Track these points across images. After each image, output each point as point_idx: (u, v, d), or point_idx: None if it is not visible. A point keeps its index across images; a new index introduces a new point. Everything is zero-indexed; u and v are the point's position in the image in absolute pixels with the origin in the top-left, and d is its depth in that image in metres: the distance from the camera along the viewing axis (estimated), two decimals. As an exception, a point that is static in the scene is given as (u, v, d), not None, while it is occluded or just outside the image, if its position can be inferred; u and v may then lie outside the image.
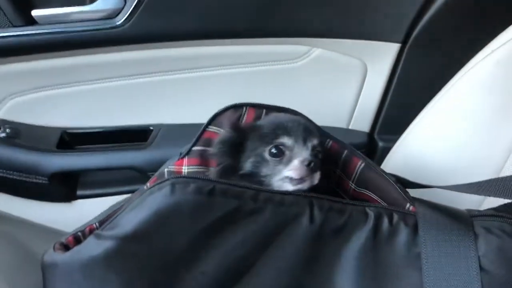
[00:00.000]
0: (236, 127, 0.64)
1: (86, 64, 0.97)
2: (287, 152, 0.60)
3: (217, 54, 0.99)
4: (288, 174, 0.59)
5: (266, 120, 0.68)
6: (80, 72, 0.98)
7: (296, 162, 0.59)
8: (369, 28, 0.98)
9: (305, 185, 0.59)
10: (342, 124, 1.07)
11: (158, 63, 0.99)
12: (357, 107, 1.05)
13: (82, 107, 1.01)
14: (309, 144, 0.61)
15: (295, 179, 0.59)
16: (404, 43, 0.97)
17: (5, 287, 1.03)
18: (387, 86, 1.02)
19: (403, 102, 1.02)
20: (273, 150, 0.60)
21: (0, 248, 1.04)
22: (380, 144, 1.05)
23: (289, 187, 0.58)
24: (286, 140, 0.60)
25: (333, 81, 1.03)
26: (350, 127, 1.08)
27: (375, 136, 1.07)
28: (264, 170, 0.60)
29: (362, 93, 1.04)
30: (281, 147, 0.60)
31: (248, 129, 0.64)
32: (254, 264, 0.51)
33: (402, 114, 0.98)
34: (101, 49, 0.95)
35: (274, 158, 0.60)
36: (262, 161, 0.60)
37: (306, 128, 0.63)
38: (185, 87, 1.02)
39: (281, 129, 0.61)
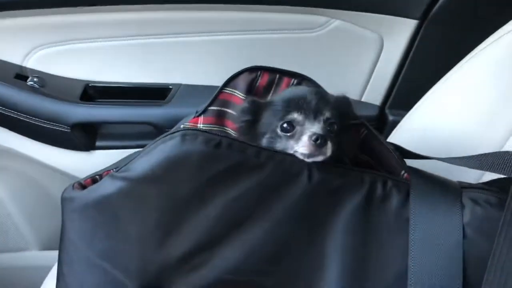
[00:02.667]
0: (253, 102, 0.65)
1: (111, 21, 1.01)
2: (297, 127, 0.60)
3: (236, 19, 1.02)
4: (298, 149, 0.59)
5: (280, 95, 0.68)
6: (105, 29, 1.02)
7: (305, 138, 0.59)
8: (389, 3, 0.99)
9: (317, 158, 0.59)
10: (354, 96, 1.10)
11: (180, 25, 1.03)
12: (371, 80, 1.08)
13: (105, 62, 1.05)
14: (321, 118, 0.61)
15: (306, 154, 0.59)
16: (422, 20, 0.98)
17: (28, 227, 1.11)
18: (401, 62, 1.04)
19: (416, 78, 1.04)
20: (285, 125, 0.61)
21: (24, 191, 1.11)
22: (390, 118, 1.08)
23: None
24: (296, 116, 0.61)
25: (348, 53, 1.05)
26: (362, 100, 1.10)
27: (386, 109, 1.09)
28: (278, 145, 0.61)
29: (376, 67, 1.06)
30: (292, 122, 0.61)
31: (263, 106, 0.65)
32: (253, 214, 0.55)
33: (414, 89, 0.99)
34: (126, 6, 0.99)
35: (285, 134, 0.60)
36: (276, 136, 0.61)
37: (318, 101, 0.62)
38: (204, 49, 1.05)
39: (292, 104, 0.62)
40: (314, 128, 0.59)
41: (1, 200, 1.07)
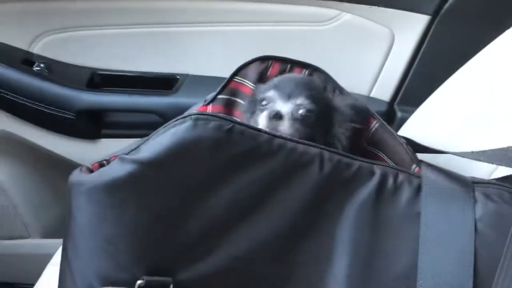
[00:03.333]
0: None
1: (119, 8, 1.01)
2: (269, 104, 0.64)
3: (246, 10, 1.02)
4: (259, 122, 0.63)
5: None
6: (113, 16, 1.02)
7: (265, 113, 0.63)
8: (402, -2, 0.98)
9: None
10: (363, 91, 1.09)
11: (189, 14, 1.02)
12: (380, 76, 1.07)
13: (112, 50, 1.05)
14: (293, 100, 0.63)
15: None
16: (434, 15, 0.98)
17: (30, 215, 1.10)
18: (412, 57, 1.03)
19: (426, 75, 1.03)
20: (263, 102, 0.65)
21: (27, 178, 1.11)
22: (399, 114, 1.07)
23: None
24: (270, 94, 0.65)
25: (359, 47, 1.04)
26: (371, 95, 1.09)
27: (395, 106, 1.08)
28: (252, 121, 0.65)
29: (386, 62, 1.05)
30: (266, 99, 0.65)
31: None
32: (263, 202, 0.54)
33: (424, 86, 0.98)
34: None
35: (260, 108, 0.65)
36: (255, 111, 0.66)
37: (297, 86, 0.65)
38: (212, 40, 1.05)
39: (272, 85, 0.66)
40: (282, 107, 0.63)
41: (3, 186, 1.07)
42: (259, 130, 0.54)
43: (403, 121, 1.02)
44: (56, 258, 0.82)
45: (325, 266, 0.56)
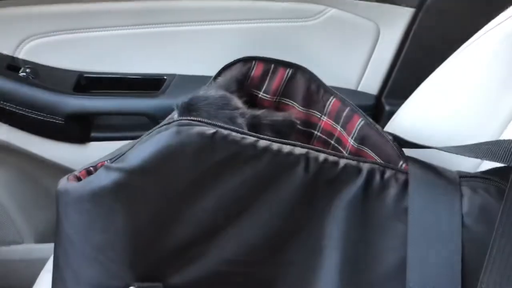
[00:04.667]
0: None
1: (104, 10, 1.00)
2: None
3: (231, 8, 1.01)
4: None
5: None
6: (98, 18, 1.01)
7: None
8: (386, -9, 0.98)
9: None
10: (350, 86, 1.09)
11: (173, 14, 1.01)
12: (367, 69, 1.07)
13: (99, 53, 1.04)
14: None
15: None
16: (418, 8, 0.98)
17: (22, 220, 1.10)
18: (398, 50, 1.04)
19: (413, 67, 1.03)
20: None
21: (18, 183, 1.11)
22: (387, 107, 1.07)
23: None
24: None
25: (344, 42, 1.04)
26: (358, 89, 1.10)
27: (383, 99, 1.09)
28: None
29: (373, 56, 1.05)
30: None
31: None
32: (250, 206, 0.54)
33: (411, 79, 0.99)
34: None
35: None
36: None
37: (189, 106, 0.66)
38: (197, 39, 1.04)
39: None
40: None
41: (-5, 193, 1.07)
42: (244, 133, 0.54)
43: (391, 114, 1.02)
44: (50, 265, 0.82)
45: (315, 264, 0.57)
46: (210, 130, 0.52)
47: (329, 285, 0.56)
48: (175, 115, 0.71)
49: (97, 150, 1.04)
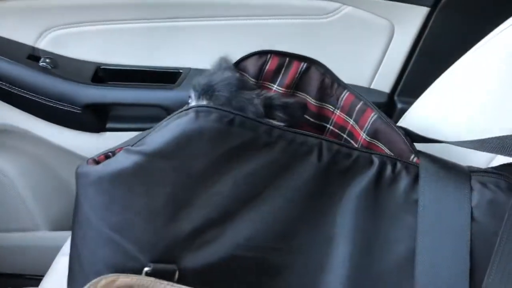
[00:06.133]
0: None
1: (123, 3, 1.02)
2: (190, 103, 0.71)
3: (247, 4, 1.03)
4: None
5: None
6: (117, 11, 1.03)
7: None
8: (401, -10, 0.99)
9: None
10: (363, 83, 1.10)
11: (190, 9, 1.03)
12: (380, 67, 1.08)
13: (117, 45, 1.06)
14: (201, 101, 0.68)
15: None
16: (433, 7, 0.98)
17: (38, 208, 1.12)
18: (412, 49, 1.04)
19: (426, 66, 1.04)
20: (188, 101, 0.72)
21: (34, 172, 1.13)
22: (399, 105, 1.08)
23: None
24: (191, 93, 0.71)
25: (359, 40, 1.05)
26: (371, 87, 1.11)
27: (395, 97, 1.09)
28: None
29: (386, 54, 1.06)
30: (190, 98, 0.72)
31: None
32: (263, 192, 0.56)
33: (424, 77, 0.99)
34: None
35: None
36: None
37: (207, 88, 0.69)
38: (213, 34, 1.06)
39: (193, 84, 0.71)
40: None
41: (12, 180, 1.09)
42: (260, 121, 0.55)
43: (403, 112, 1.03)
44: (66, 249, 0.84)
45: (326, 252, 0.58)
46: (228, 116, 0.54)
47: (339, 273, 0.56)
48: (192, 99, 0.72)
49: (112, 140, 1.05)
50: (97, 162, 0.60)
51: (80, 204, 0.58)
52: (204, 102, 0.68)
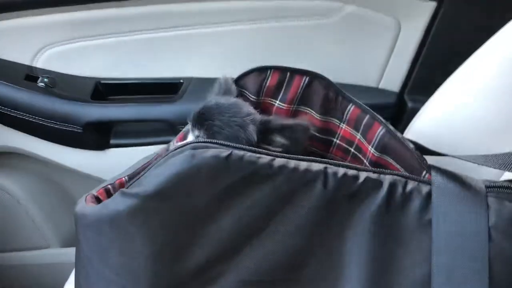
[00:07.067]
0: None
1: (119, 16, 0.99)
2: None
3: (247, 8, 0.99)
4: None
5: None
6: (114, 24, 1.00)
7: None
8: (406, -15, 0.95)
9: None
10: (372, 83, 1.07)
11: (186, 17, 1.00)
12: (388, 66, 1.04)
13: (115, 58, 1.04)
14: (194, 133, 0.68)
15: None
16: (440, 1, 0.94)
17: (47, 225, 1.12)
18: (420, 46, 1.00)
19: (435, 63, 1.00)
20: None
21: (41, 190, 1.13)
22: (409, 104, 1.04)
23: None
24: (188, 126, 0.70)
25: (364, 39, 1.01)
26: (380, 86, 1.07)
27: (405, 96, 1.06)
28: None
29: (394, 52, 1.02)
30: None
31: None
32: (268, 224, 0.53)
33: (433, 75, 0.96)
34: (133, 1, 0.97)
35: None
36: None
37: (200, 117, 0.67)
38: (215, 41, 1.03)
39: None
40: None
41: (20, 200, 1.09)
42: (260, 152, 0.53)
43: (414, 111, 0.99)
44: (72, 279, 0.83)
45: (337, 281, 0.55)
46: (225, 152, 0.51)
47: (352, 302, 0.54)
48: (189, 126, 0.70)
49: (116, 156, 1.05)
50: (96, 198, 0.59)
51: (80, 245, 0.57)
52: (196, 133, 0.67)
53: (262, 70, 0.71)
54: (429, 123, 0.88)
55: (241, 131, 0.64)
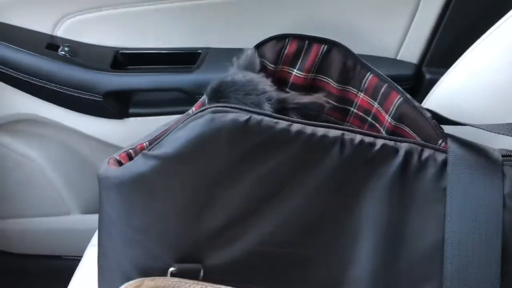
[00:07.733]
0: None
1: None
2: None
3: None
4: None
5: None
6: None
7: None
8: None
9: None
10: (390, 54, 1.05)
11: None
12: (407, 37, 1.03)
13: (134, 28, 1.04)
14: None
15: None
16: (461, -29, 0.93)
17: (68, 193, 1.15)
18: (439, 18, 0.99)
19: (455, 34, 0.98)
20: None
21: (62, 157, 1.15)
22: (428, 76, 1.03)
23: None
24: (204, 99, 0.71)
25: (383, 8, 1.00)
26: (398, 58, 1.06)
27: (423, 68, 1.05)
28: None
29: (413, 23, 1.01)
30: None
31: None
32: (285, 188, 0.55)
33: (453, 46, 0.95)
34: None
35: None
36: None
37: (216, 92, 0.68)
38: (231, 11, 1.02)
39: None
40: None
41: (42, 167, 1.12)
42: (277, 117, 0.54)
43: (432, 82, 0.98)
44: (95, 240, 0.86)
45: (352, 246, 0.57)
46: (244, 116, 0.52)
47: (366, 266, 0.56)
48: (206, 100, 0.71)
49: (136, 125, 1.06)
50: (118, 161, 0.61)
51: (103, 207, 0.59)
52: None
53: (280, 39, 0.71)
54: (447, 93, 0.88)
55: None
